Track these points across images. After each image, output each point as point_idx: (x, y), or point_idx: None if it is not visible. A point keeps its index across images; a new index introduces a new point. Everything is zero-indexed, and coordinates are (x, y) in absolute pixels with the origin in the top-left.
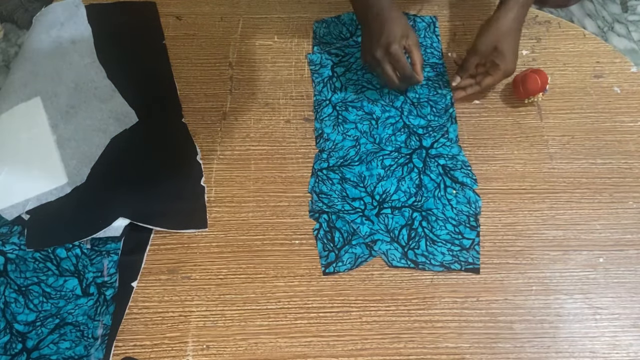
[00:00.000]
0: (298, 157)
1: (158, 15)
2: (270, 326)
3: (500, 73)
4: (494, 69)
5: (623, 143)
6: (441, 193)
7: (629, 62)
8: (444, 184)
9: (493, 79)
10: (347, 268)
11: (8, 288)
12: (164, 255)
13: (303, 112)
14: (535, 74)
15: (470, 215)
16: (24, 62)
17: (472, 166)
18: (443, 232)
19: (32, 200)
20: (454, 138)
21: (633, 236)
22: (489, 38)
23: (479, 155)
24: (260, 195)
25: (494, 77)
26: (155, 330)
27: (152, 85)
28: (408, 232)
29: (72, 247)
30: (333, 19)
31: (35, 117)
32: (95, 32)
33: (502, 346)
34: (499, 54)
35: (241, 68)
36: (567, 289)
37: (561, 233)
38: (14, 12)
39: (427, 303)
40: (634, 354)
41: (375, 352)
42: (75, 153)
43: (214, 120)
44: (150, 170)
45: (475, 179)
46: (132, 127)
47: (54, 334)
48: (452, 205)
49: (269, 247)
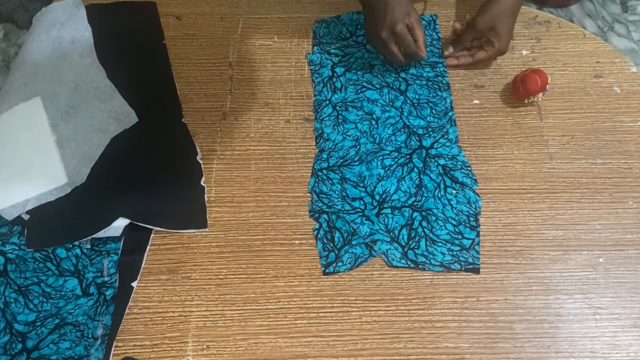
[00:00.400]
0: (298, 157)
1: (158, 15)
2: (270, 326)
3: (494, 50)
4: (489, 45)
5: (623, 143)
6: (441, 193)
7: (629, 62)
8: (444, 184)
9: (486, 55)
10: (347, 268)
11: (8, 288)
12: (164, 255)
13: (303, 112)
14: (535, 74)
15: (470, 215)
16: (24, 62)
17: (472, 166)
18: (443, 232)
19: (32, 200)
20: (454, 139)
21: (633, 236)
22: (488, 17)
23: (479, 155)
24: (260, 195)
25: (487, 53)
26: (155, 330)
27: (152, 85)
28: (408, 232)
29: (72, 247)
30: (333, 19)
31: (35, 117)
32: (95, 32)
33: (502, 346)
34: (496, 33)
35: (241, 68)
36: (567, 289)
37: (561, 233)
38: (14, 12)
39: (427, 303)
40: (634, 354)
41: (375, 352)
42: (75, 153)
43: (214, 120)
44: (150, 170)
45: (475, 179)
46: (132, 127)
47: (54, 334)
48: (452, 205)
49: (269, 247)
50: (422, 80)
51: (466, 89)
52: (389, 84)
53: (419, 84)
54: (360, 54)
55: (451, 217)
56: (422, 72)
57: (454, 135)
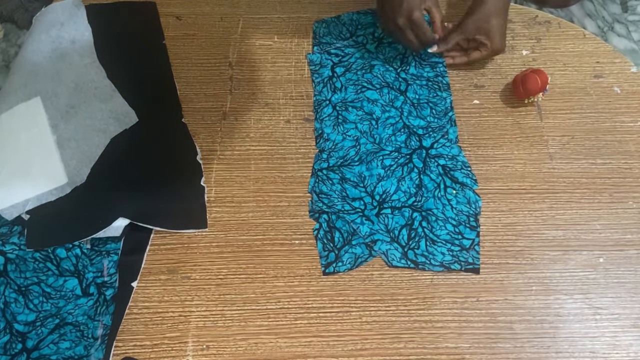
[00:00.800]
0: (298, 157)
1: (158, 15)
2: (270, 326)
3: (488, 51)
4: (483, 47)
5: (623, 143)
6: (441, 193)
7: (629, 62)
8: (444, 184)
9: (481, 55)
10: (347, 268)
11: (8, 288)
12: (164, 255)
13: (303, 112)
14: (535, 74)
15: (470, 215)
16: (24, 62)
17: (472, 166)
18: (443, 232)
19: (32, 200)
20: (454, 139)
21: (633, 236)
22: (474, 21)
23: (479, 156)
24: (260, 195)
25: (482, 53)
26: (155, 330)
27: (152, 85)
28: (408, 232)
29: (72, 247)
30: (333, 19)
31: (35, 117)
32: (95, 32)
33: (502, 346)
34: (486, 35)
35: (241, 68)
36: (567, 289)
37: (561, 233)
38: (14, 12)
39: (427, 303)
40: (634, 354)
41: (375, 352)
42: (75, 153)
43: (214, 120)
44: (150, 170)
45: (476, 180)
46: (132, 127)
47: (54, 334)
48: (452, 205)
49: (269, 247)
50: (422, 80)
51: (466, 89)
52: (389, 84)
53: (419, 84)
54: (360, 54)
55: (451, 217)
56: (422, 72)
57: (454, 136)
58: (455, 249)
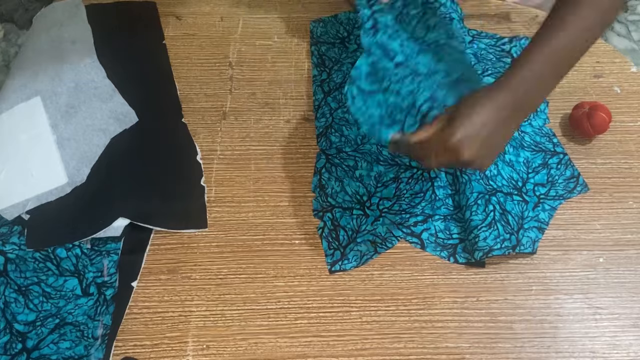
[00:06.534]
0: (298, 157)
1: (158, 15)
2: (270, 326)
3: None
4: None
5: (623, 143)
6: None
7: (629, 62)
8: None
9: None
10: (353, 265)
11: (8, 288)
12: (164, 255)
13: (303, 112)
14: (600, 112)
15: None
16: (24, 62)
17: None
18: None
19: (32, 200)
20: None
21: (633, 236)
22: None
23: None
24: (260, 195)
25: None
26: (155, 330)
27: (152, 85)
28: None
29: (72, 247)
30: (330, 18)
31: (35, 117)
32: (95, 32)
33: (502, 346)
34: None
35: (241, 68)
36: (567, 289)
37: (561, 233)
38: (14, 12)
39: (427, 303)
40: (634, 354)
41: (375, 352)
42: (75, 153)
43: (214, 120)
44: (150, 170)
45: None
46: (132, 127)
47: (54, 333)
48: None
49: (269, 247)
50: None
51: None
52: None
53: None
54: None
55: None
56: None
57: None
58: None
